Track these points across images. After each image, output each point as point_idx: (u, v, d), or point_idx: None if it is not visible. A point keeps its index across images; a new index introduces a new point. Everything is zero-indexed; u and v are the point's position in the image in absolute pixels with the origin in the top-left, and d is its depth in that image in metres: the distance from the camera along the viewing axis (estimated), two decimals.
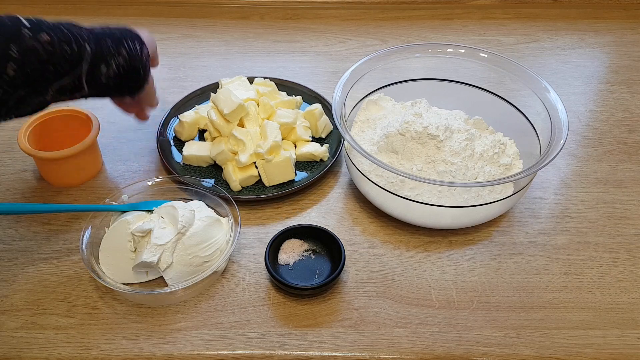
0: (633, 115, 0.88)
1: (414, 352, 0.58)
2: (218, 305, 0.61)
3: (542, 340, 0.59)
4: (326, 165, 0.76)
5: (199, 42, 1.03)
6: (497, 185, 0.67)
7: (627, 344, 0.58)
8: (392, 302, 0.62)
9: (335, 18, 1.09)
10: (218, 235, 0.64)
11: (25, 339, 0.58)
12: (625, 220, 0.71)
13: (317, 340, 0.58)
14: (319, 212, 0.72)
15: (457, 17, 1.09)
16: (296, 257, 0.65)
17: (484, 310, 0.61)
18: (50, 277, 0.64)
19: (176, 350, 0.57)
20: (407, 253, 0.67)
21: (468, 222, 0.68)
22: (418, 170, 0.68)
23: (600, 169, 0.78)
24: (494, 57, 0.78)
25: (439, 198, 0.65)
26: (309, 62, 0.99)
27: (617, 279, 0.64)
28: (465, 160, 0.68)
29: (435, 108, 0.78)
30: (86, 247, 0.62)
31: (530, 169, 0.63)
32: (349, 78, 0.73)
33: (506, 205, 0.68)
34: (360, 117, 0.77)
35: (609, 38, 1.05)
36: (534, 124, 0.73)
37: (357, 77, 0.74)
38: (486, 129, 0.77)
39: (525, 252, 0.67)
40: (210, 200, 0.69)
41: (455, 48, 0.79)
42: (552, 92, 0.72)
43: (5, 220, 0.70)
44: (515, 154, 0.74)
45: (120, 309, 0.61)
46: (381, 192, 0.67)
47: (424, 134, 0.68)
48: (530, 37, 1.05)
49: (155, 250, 0.60)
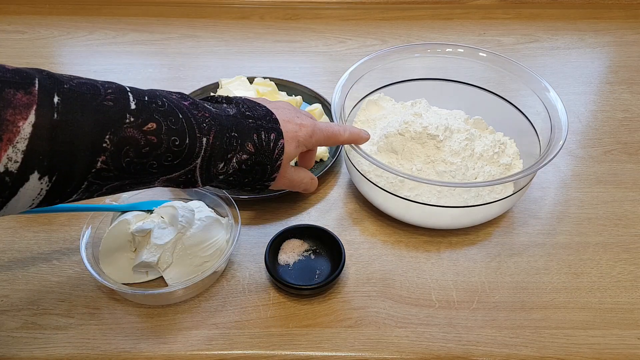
0: (633, 115, 0.88)
1: (414, 352, 0.58)
2: (218, 305, 0.61)
3: (542, 340, 0.59)
4: (326, 165, 0.76)
5: (199, 42, 1.04)
6: (497, 186, 0.67)
7: (627, 344, 0.58)
8: (392, 302, 0.62)
9: (335, 18, 1.09)
10: (218, 235, 0.64)
11: (25, 339, 0.58)
12: (625, 220, 0.71)
13: (317, 340, 0.58)
14: (319, 212, 0.72)
15: (457, 17, 1.09)
16: (296, 257, 0.65)
17: (484, 310, 0.61)
18: (50, 277, 0.64)
19: (176, 350, 0.57)
20: (407, 253, 0.67)
21: (468, 222, 0.68)
22: (417, 170, 0.68)
23: (600, 169, 0.78)
24: (494, 57, 0.78)
25: (439, 198, 0.65)
26: (309, 62, 0.99)
27: (617, 279, 0.64)
28: (465, 160, 0.68)
29: (435, 108, 0.78)
30: (86, 247, 0.62)
31: (529, 169, 0.63)
32: (347, 79, 0.73)
33: (506, 205, 0.68)
34: (360, 117, 0.78)
35: (609, 38, 1.05)
36: (534, 123, 0.73)
37: (356, 78, 0.74)
38: (486, 128, 0.77)
39: (525, 252, 0.67)
40: (210, 200, 0.69)
41: (455, 48, 0.79)
42: (552, 92, 0.72)
43: (5, 220, 0.70)
44: (516, 153, 0.74)
45: (120, 309, 0.61)
46: (380, 192, 0.67)
47: (424, 134, 0.68)
48: (530, 37, 1.05)
49: (155, 250, 0.61)
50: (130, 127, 0.43)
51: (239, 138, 0.50)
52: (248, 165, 0.51)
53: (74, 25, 1.06)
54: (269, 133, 0.52)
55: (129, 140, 0.43)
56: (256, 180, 0.53)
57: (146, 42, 1.03)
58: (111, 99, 0.43)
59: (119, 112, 0.43)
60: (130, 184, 0.46)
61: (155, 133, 0.44)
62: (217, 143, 0.48)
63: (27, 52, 1.00)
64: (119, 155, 0.43)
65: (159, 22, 1.07)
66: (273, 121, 0.53)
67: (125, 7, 1.10)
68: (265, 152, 0.51)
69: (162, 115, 0.45)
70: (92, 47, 1.02)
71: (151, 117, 0.44)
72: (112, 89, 0.44)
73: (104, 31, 1.05)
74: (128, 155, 0.43)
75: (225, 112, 0.51)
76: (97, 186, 0.44)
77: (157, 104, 0.45)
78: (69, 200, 0.44)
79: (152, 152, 0.44)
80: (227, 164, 0.50)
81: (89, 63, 0.99)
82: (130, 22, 1.07)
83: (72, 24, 1.06)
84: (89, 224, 0.64)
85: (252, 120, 0.51)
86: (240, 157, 0.50)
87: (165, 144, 0.45)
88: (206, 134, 0.47)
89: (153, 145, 0.44)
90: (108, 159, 0.42)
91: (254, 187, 0.54)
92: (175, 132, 0.45)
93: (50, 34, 1.04)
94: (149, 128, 0.44)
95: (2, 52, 1.00)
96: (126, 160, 0.43)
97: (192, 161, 0.47)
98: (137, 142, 0.43)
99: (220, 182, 0.52)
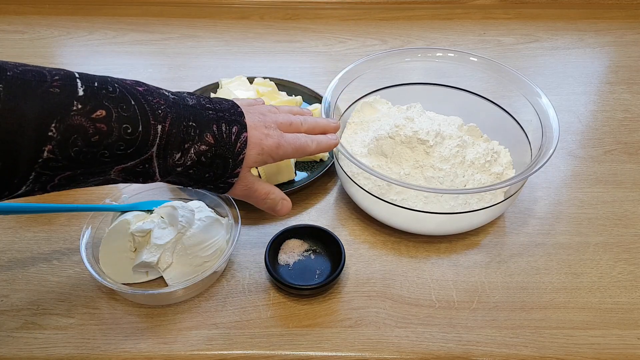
0: (633, 115, 0.88)
1: (414, 352, 0.58)
2: (218, 305, 0.61)
3: (542, 340, 0.59)
4: (326, 165, 0.76)
5: (199, 42, 1.04)
6: (486, 194, 0.66)
7: (627, 344, 0.58)
8: (392, 302, 0.62)
9: (335, 18, 1.09)
10: (218, 235, 0.64)
11: (25, 339, 0.58)
12: (625, 220, 0.71)
13: (317, 340, 0.58)
14: (319, 212, 0.72)
15: (457, 17, 1.09)
16: (296, 257, 0.65)
17: (483, 310, 0.61)
18: (50, 277, 0.64)
19: (176, 350, 0.57)
20: (407, 253, 0.67)
21: (453, 230, 0.67)
22: (405, 174, 0.67)
23: (600, 169, 0.78)
24: (492, 63, 0.76)
25: (425, 204, 0.65)
26: (309, 62, 0.99)
27: (617, 279, 0.64)
28: (454, 167, 0.67)
29: (431, 113, 0.78)
30: (86, 247, 0.62)
31: (515, 178, 0.62)
32: (339, 81, 0.73)
33: (493, 213, 0.67)
34: (354, 119, 0.77)
35: (609, 38, 1.05)
36: (527, 132, 0.72)
37: (349, 80, 0.74)
38: (480, 136, 0.76)
39: (525, 252, 0.67)
40: (210, 200, 0.69)
41: (446, 52, 0.78)
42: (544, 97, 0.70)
43: (5, 220, 0.70)
44: (509, 163, 0.72)
45: (120, 309, 0.61)
46: (367, 196, 0.66)
47: (414, 139, 0.68)
48: (530, 37, 1.05)
49: (155, 250, 0.61)
50: (78, 115, 0.41)
51: (197, 128, 0.48)
52: (208, 158, 0.49)
53: (74, 25, 1.06)
54: (231, 125, 0.50)
55: (77, 129, 0.41)
56: (218, 175, 0.51)
57: (146, 42, 1.03)
58: (58, 86, 0.41)
59: (65, 99, 0.41)
60: (83, 174, 0.44)
61: (105, 121, 0.42)
62: (174, 131, 0.46)
63: (27, 52, 1.00)
64: (66, 145, 0.41)
65: (159, 22, 1.07)
66: (237, 114, 0.51)
67: (125, 7, 1.10)
68: (227, 145, 0.49)
69: (113, 101, 0.43)
70: (92, 47, 1.02)
71: (100, 104, 0.42)
72: (59, 75, 0.42)
73: (104, 31, 1.05)
74: (76, 144, 0.41)
75: (184, 101, 0.49)
76: (47, 177, 0.42)
77: (108, 90, 0.43)
78: (19, 192, 0.43)
79: (102, 141, 0.42)
80: (185, 154, 0.47)
81: (89, 63, 0.99)
82: (130, 22, 1.08)
83: (72, 24, 1.06)
84: (89, 224, 0.64)
85: (212, 112, 0.50)
86: (199, 147, 0.48)
87: (116, 132, 0.43)
88: (161, 122, 0.45)
89: (103, 133, 0.42)
90: (55, 148, 0.40)
91: (217, 184, 0.52)
92: (127, 119, 0.43)
93: (50, 34, 1.04)
94: (98, 115, 0.42)
95: (2, 52, 1.00)
96: (74, 149, 0.41)
97: (147, 150, 0.45)
98: (85, 131, 0.41)
99: (180, 176, 0.49)
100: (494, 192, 0.66)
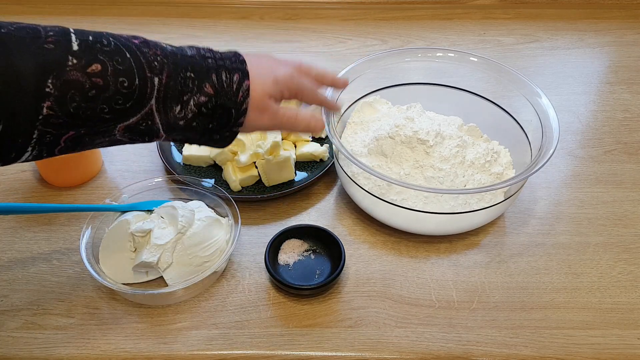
0: (633, 115, 0.88)
1: (414, 352, 0.58)
2: (218, 305, 0.61)
3: (542, 340, 0.59)
4: (326, 165, 0.76)
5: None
6: (486, 194, 0.66)
7: (627, 344, 0.58)
8: (392, 302, 0.62)
9: (335, 18, 1.09)
10: (218, 235, 0.64)
11: (25, 339, 0.58)
12: (625, 220, 0.71)
13: (317, 340, 0.58)
14: (319, 212, 0.72)
15: (457, 17, 1.09)
16: (296, 257, 0.65)
17: (483, 310, 0.61)
18: (50, 277, 0.64)
19: (176, 350, 0.57)
20: (407, 253, 0.67)
21: (453, 230, 0.67)
22: (405, 174, 0.67)
23: (600, 169, 0.78)
24: (492, 64, 0.76)
25: (425, 204, 0.65)
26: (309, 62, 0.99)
27: (617, 279, 0.64)
28: (454, 167, 0.67)
29: (432, 113, 0.78)
30: (86, 247, 0.62)
31: (515, 178, 0.62)
32: None
33: (493, 213, 0.67)
34: (354, 119, 0.77)
35: (609, 38, 1.05)
36: (527, 132, 0.72)
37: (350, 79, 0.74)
38: (480, 136, 0.76)
39: (525, 252, 0.67)
40: (210, 200, 0.69)
41: (446, 52, 0.78)
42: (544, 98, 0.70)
43: (5, 220, 0.70)
44: (509, 163, 0.72)
45: (120, 309, 0.61)
46: (367, 196, 0.66)
47: (414, 139, 0.68)
48: (530, 37, 1.05)
49: (155, 250, 0.61)
50: (74, 70, 0.41)
51: (196, 79, 0.47)
52: (209, 109, 0.48)
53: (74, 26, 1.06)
54: (232, 73, 0.49)
55: (73, 84, 0.41)
56: (222, 125, 0.49)
57: None
58: (52, 42, 0.41)
59: (60, 55, 0.41)
60: (88, 134, 0.44)
61: (101, 75, 0.42)
62: (171, 83, 0.45)
63: None
64: (64, 100, 0.41)
65: (159, 22, 1.07)
66: (239, 62, 0.50)
67: (125, 7, 1.10)
68: (228, 95, 0.48)
69: (108, 55, 0.43)
70: None
71: (95, 58, 0.42)
72: (54, 31, 0.42)
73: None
74: (74, 99, 0.41)
75: (182, 52, 0.48)
76: (51, 136, 0.42)
77: (102, 44, 0.43)
78: (26, 155, 0.43)
79: (99, 95, 0.42)
80: (184, 106, 0.47)
81: None
82: (130, 22, 1.07)
83: (72, 24, 1.06)
84: (89, 224, 0.64)
85: (211, 60, 0.49)
86: (198, 99, 0.47)
87: (112, 86, 0.42)
88: (158, 74, 0.45)
89: (99, 87, 0.42)
90: (54, 104, 0.40)
91: (222, 134, 0.50)
92: (123, 72, 0.43)
93: None
94: (94, 70, 0.42)
95: None
96: (73, 105, 0.41)
97: (146, 103, 0.45)
98: (81, 86, 0.41)
99: (184, 131, 0.48)
100: (494, 192, 0.66)
